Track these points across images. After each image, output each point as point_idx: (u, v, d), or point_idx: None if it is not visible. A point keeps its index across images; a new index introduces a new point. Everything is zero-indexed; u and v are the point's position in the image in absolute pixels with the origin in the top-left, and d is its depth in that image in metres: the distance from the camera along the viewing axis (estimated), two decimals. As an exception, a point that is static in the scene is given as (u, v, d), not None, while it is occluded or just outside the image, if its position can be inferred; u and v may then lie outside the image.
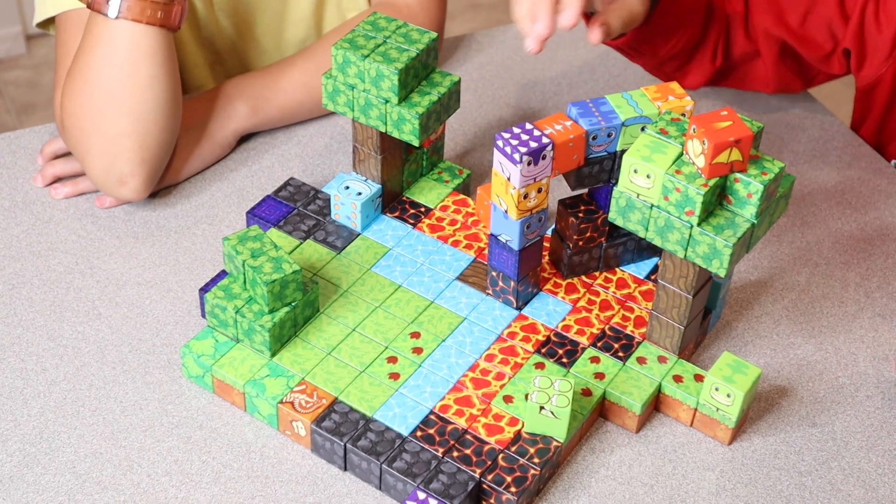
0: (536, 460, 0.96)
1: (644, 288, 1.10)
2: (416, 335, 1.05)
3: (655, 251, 1.13)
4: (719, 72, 1.33)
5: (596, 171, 1.05)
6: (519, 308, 1.08)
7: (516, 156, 0.97)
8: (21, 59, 2.84)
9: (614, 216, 0.98)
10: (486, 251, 1.13)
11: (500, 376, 1.02)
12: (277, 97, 1.27)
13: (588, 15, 1.13)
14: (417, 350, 1.04)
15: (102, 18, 1.11)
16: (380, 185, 1.15)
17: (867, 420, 1.05)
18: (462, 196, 1.19)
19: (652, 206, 0.95)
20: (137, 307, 1.11)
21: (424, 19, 1.31)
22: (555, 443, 0.97)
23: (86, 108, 1.13)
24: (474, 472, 0.95)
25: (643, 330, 1.06)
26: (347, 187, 1.15)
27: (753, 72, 1.33)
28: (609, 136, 1.03)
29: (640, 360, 1.04)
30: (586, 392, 1.01)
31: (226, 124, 1.25)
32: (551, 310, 1.08)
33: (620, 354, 1.04)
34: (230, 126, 1.25)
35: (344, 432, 0.97)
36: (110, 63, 1.12)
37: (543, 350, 1.04)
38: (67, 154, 1.23)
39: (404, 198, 1.19)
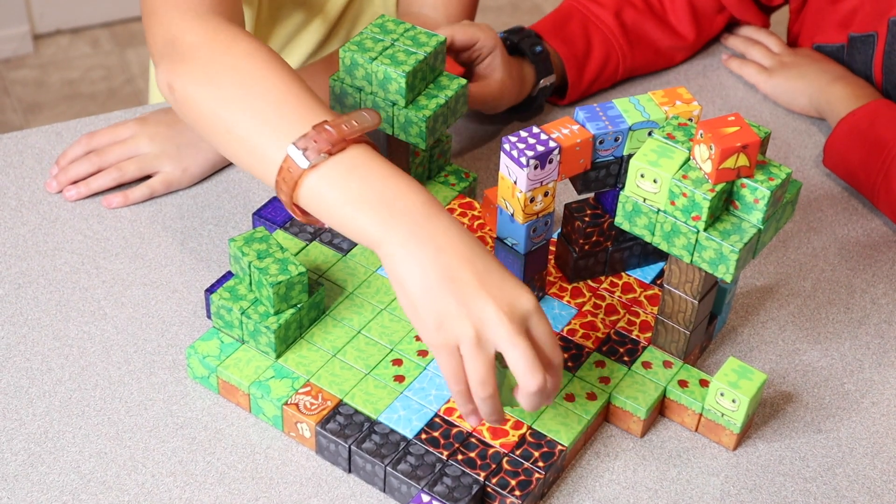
0: (541, 464, 0.96)
1: (650, 293, 1.10)
2: (421, 338, 1.05)
3: (661, 256, 1.13)
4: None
5: (602, 176, 1.05)
6: (524, 312, 1.08)
7: (523, 159, 0.97)
8: (28, 58, 2.84)
9: (620, 220, 0.98)
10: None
11: (505, 380, 1.02)
12: None
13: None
14: (422, 353, 1.04)
15: None
16: (386, 188, 1.15)
17: (872, 427, 1.05)
18: (468, 199, 1.19)
19: (658, 210, 0.95)
20: (143, 307, 1.11)
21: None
22: (559, 446, 0.97)
23: None
24: (478, 475, 0.95)
25: (648, 334, 1.06)
26: (354, 189, 1.14)
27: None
28: (616, 140, 1.03)
29: (646, 365, 1.04)
30: (591, 396, 1.01)
31: None
32: (557, 314, 1.08)
33: (626, 359, 1.04)
34: None
35: (348, 434, 0.97)
36: None
37: (549, 354, 1.04)
38: (82, 157, 1.23)
39: (410, 200, 1.18)
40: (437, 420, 0.99)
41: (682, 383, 1.03)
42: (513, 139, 0.98)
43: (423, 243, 0.87)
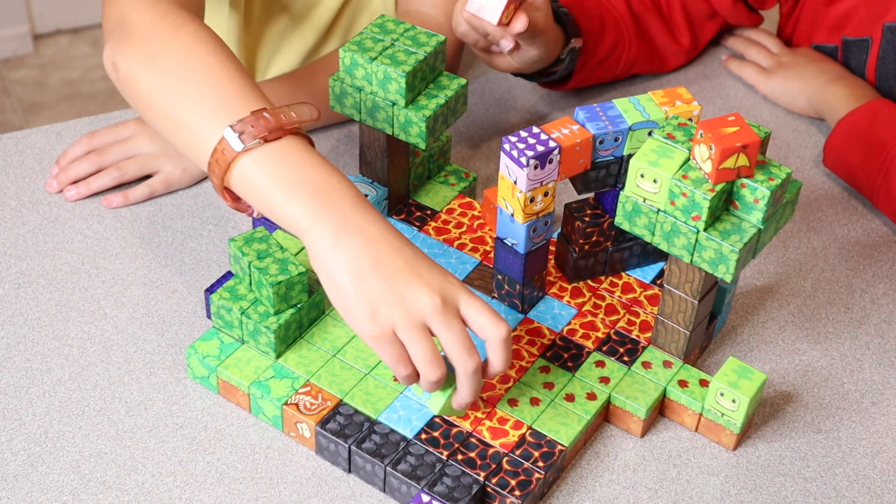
0: (541, 464, 0.96)
1: (650, 292, 1.10)
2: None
3: (661, 256, 1.13)
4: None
5: (602, 176, 1.05)
6: (524, 312, 1.08)
7: (523, 159, 0.97)
8: (28, 58, 2.84)
9: (620, 220, 0.98)
10: (491, 254, 1.13)
11: (504, 379, 1.02)
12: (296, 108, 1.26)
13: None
14: (422, 353, 1.04)
15: None
16: (386, 188, 1.15)
17: (872, 427, 1.05)
18: (468, 199, 1.19)
19: (658, 210, 0.95)
20: (143, 307, 1.11)
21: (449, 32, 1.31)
22: (559, 446, 0.97)
23: None
24: (478, 475, 0.95)
25: (648, 334, 1.06)
26: (354, 189, 1.15)
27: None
28: (616, 140, 1.03)
29: (646, 365, 1.04)
30: (591, 396, 1.01)
31: None
32: (557, 314, 1.08)
33: (626, 359, 1.04)
34: None
35: (348, 434, 0.97)
36: None
37: (548, 354, 1.04)
38: (83, 157, 1.23)
39: (410, 200, 1.19)
40: (437, 420, 0.99)
41: (682, 383, 1.03)
42: (513, 139, 0.98)
43: (352, 233, 0.89)
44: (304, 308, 1.03)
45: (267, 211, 0.92)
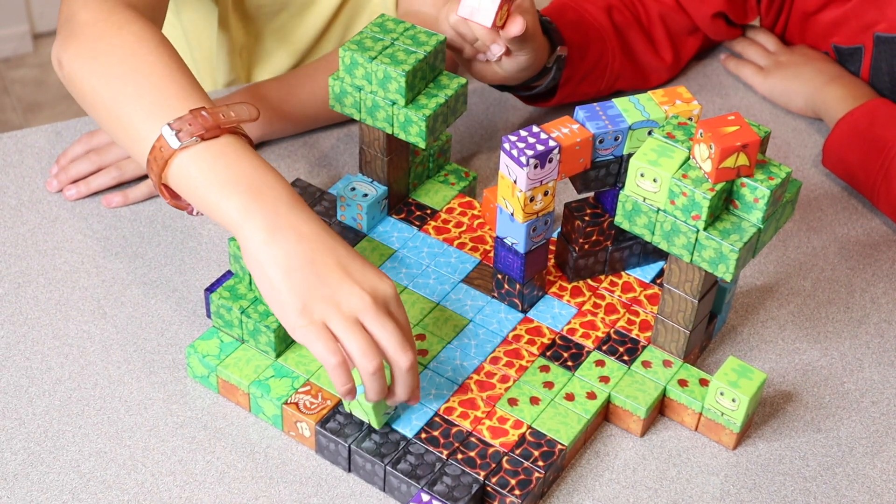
0: (541, 463, 0.96)
1: (649, 292, 1.10)
2: (421, 337, 1.05)
3: (661, 255, 1.13)
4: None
5: (602, 175, 1.05)
6: (524, 311, 1.08)
7: (523, 159, 0.97)
8: (28, 57, 2.84)
9: (620, 220, 0.98)
10: (491, 254, 1.13)
11: (504, 379, 1.02)
12: (294, 111, 1.26)
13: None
14: (422, 352, 1.04)
15: None
16: (386, 187, 1.15)
17: (872, 426, 1.05)
18: (468, 198, 1.19)
19: (658, 210, 0.95)
20: (143, 307, 1.11)
21: None
22: (559, 446, 0.97)
23: None
24: (478, 474, 0.95)
25: (648, 334, 1.06)
26: (353, 189, 1.15)
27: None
28: (616, 139, 1.03)
29: (646, 364, 1.04)
30: (591, 395, 1.01)
31: None
32: (556, 313, 1.08)
33: (625, 358, 1.04)
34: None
35: (348, 434, 0.97)
36: None
37: (548, 353, 1.04)
38: (83, 156, 1.23)
39: (410, 200, 1.19)
40: (436, 419, 0.99)
41: (682, 382, 1.03)
42: (513, 138, 0.98)
43: (285, 230, 0.90)
44: (303, 307, 1.03)
45: (203, 208, 0.93)
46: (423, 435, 0.97)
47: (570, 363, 1.04)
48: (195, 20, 1.42)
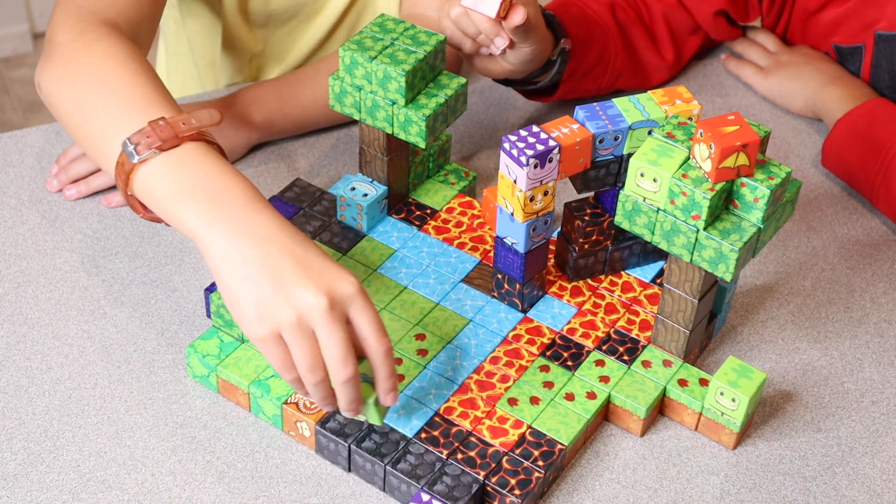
0: (540, 463, 0.96)
1: (649, 292, 1.10)
2: (421, 337, 1.05)
3: (661, 255, 1.13)
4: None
5: (602, 175, 1.05)
6: (524, 311, 1.08)
7: (523, 158, 0.97)
8: (27, 57, 2.84)
9: (620, 220, 0.98)
10: (491, 254, 1.13)
11: (504, 379, 1.02)
12: (295, 112, 1.26)
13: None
14: (422, 352, 1.04)
15: None
16: (386, 187, 1.15)
17: (872, 426, 1.05)
18: (468, 198, 1.19)
19: (658, 209, 0.95)
20: (143, 307, 1.11)
21: None
22: (559, 445, 0.97)
23: None
24: (478, 474, 0.95)
25: (648, 334, 1.06)
26: (353, 188, 1.15)
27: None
28: (616, 139, 1.03)
29: (645, 364, 1.04)
30: (591, 395, 1.01)
31: (241, 134, 1.25)
32: (556, 313, 1.08)
33: (625, 358, 1.04)
34: (244, 137, 1.25)
35: (348, 433, 0.97)
36: None
37: (548, 353, 1.04)
38: (83, 156, 1.23)
39: (410, 199, 1.19)
40: (436, 419, 0.99)
41: (682, 382, 1.03)
42: (512, 138, 0.98)
43: (243, 236, 0.89)
44: (303, 307, 1.03)
45: (167, 218, 0.93)
46: (423, 435, 0.97)
47: (569, 363, 1.04)
48: (199, 30, 1.42)
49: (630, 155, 1.04)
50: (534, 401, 1.00)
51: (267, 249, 0.88)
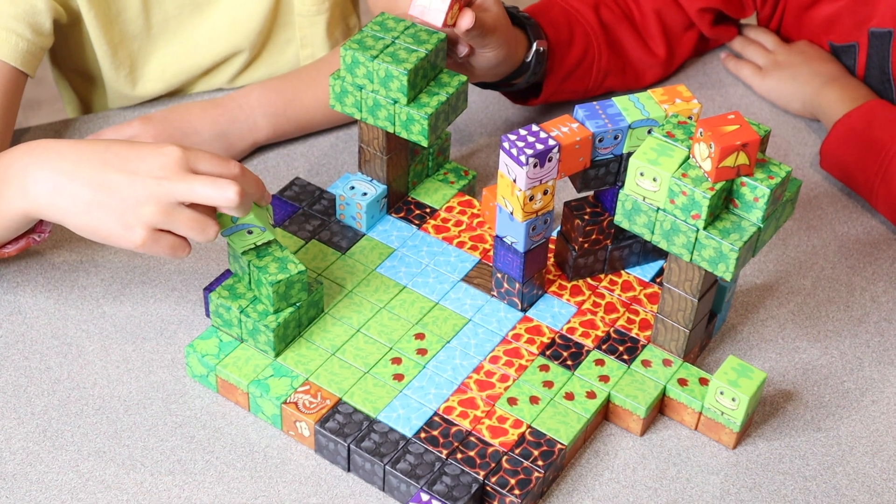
0: (540, 463, 0.96)
1: (649, 291, 1.10)
2: (420, 336, 1.05)
3: (661, 254, 1.13)
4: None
5: (602, 174, 1.05)
6: (524, 310, 1.08)
7: (522, 158, 0.97)
8: (27, 56, 2.84)
9: (620, 219, 0.98)
10: (491, 253, 1.13)
11: (504, 378, 1.02)
12: (298, 115, 1.26)
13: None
14: (422, 351, 1.04)
15: None
16: (385, 186, 1.15)
17: (872, 425, 1.05)
18: (467, 197, 1.19)
19: (658, 209, 0.95)
20: (142, 306, 1.11)
21: None
22: (559, 445, 0.97)
23: None
24: (478, 474, 0.95)
25: (648, 333, 1.06)
26: (353, 187, 1.14)
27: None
28: (615, 138, 1.03)
29: (645, 363, 1.04)
30: (591, 395, 1.01)
31: (246, 137, 1.25)
32: (556, 312, 1.08)
33: (625, 357, 1.04)
34: (250, 139, 1.25)
35: (348, 433, 0.97)
36: None
37: (548, 352, 1.04)
38: None
39: (409, 198, 1.18)
40: (436, 419, 0.99)
41: (682, 382, 1.02)
42: (512, 137, 0.98)
43: (55, 186, 0.94)
44: (303, 307, 1.03)
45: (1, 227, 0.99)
46: (423, 434, 0.97)
47: (569, 362, 1.04)
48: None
49: (630, 154, 1.04)
50: (533, 400, 1.00)
51: (83, 176, 0.93)
